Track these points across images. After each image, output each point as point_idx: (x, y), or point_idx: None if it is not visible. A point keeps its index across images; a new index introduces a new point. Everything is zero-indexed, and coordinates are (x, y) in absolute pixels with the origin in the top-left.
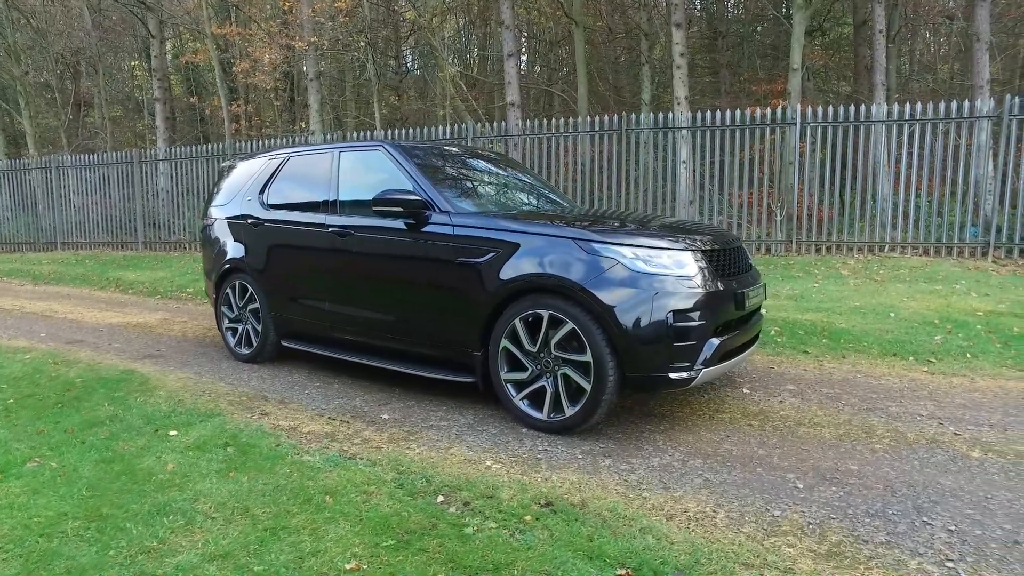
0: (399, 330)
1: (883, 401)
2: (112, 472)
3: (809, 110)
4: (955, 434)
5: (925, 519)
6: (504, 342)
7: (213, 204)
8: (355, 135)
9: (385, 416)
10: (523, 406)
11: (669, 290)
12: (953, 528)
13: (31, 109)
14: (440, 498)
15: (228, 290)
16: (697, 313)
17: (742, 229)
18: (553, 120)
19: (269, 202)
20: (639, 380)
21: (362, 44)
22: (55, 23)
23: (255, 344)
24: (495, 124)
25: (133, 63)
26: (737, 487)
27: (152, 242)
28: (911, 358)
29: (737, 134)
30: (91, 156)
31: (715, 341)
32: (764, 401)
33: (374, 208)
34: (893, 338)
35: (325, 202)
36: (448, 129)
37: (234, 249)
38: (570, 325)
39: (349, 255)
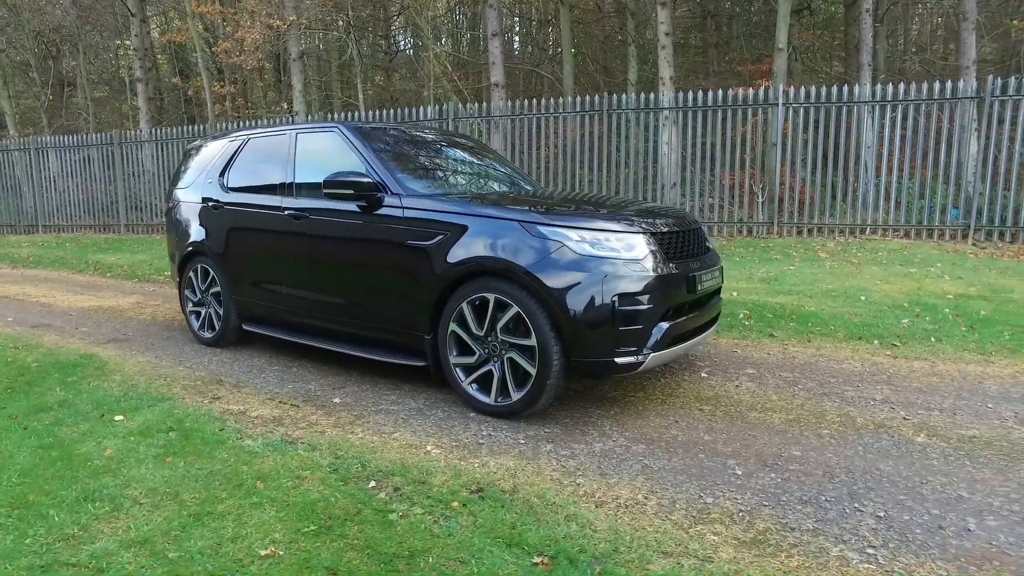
0: (353, 313)
1: (840, 385)
2: (48, 458)
3: (791, 90)
4: (904, 419)
5: (857, 505)
6: (452, 326)
7: (177, 186)
8: (340, 116)
9: (336, 400)
10: (471, 390)
11: (615, 273)
12: (882, 514)
13: (10, 88)
14: (372, 483)
15: (191, 273)
16: (645, 297)
17: (724, 211)
18: (534, 100)
19: (229, 184)
20: (584, 365)
21: (340, 23)
22: None
23: (217, 328)
24: (479, 105)
25: (118, 42)
26: (675, 473)
27: (134, 224)
28: (876, 342)
29: (719, 115)
30: (71, 137)
31: (664, 325)
32: (720, 385)
33: (324, 190)
34: (861, 321)
35: (282, 184)
36: (429, 110)
37: (196, 232)
38: (515, 309)
39: (305, 238)
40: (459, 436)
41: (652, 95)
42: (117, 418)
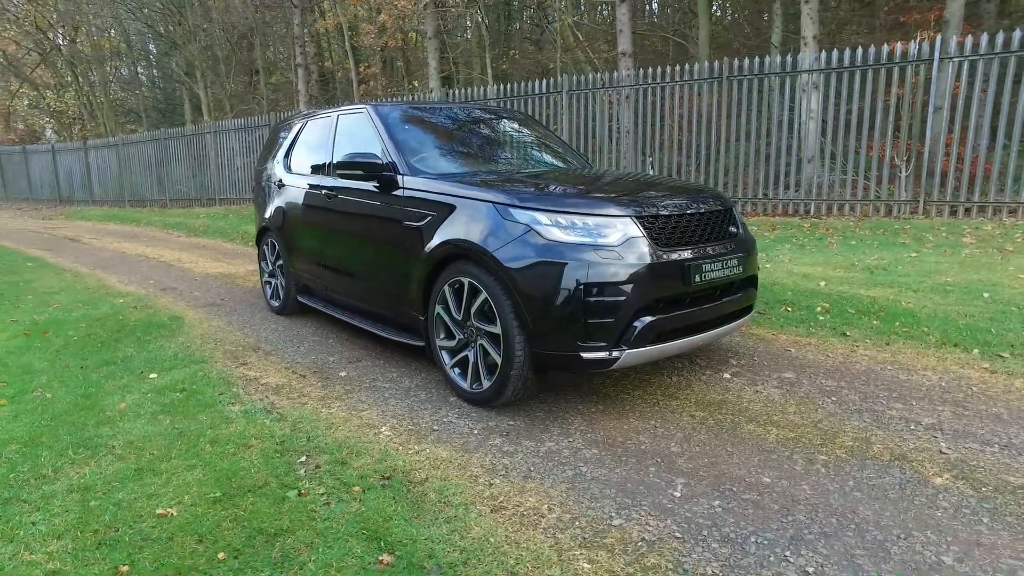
0: (366, 290)
1: (889, 402)
2: (80, 406)
3: (954, 41)
4: (940, 452)
5: (789, 554)
6: (438, 308)
7: (260, 165)
8: (466, 91)
9: (342, 373)
10: (453, 375)
11: (585, 259)
12: (812, 570)
13: (205, 80)
14: (303, 458)
15: (264, 247)
16: (620, 287)
17: (859, 187)
18: (660, 68)
19: (290, 164)
20: (548, 358)
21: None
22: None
23: (282, 298)
24: (601, 75)
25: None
26: (604, 486)
27: None
28: (976, 351)
29: (867, 76)
30: (240, 120)
31: (648, 319)
32: (737, 390)
33: (337, 172)
34: (967, 324)
35: (324, 164)
36: (542, 84)
37: (267, 209)
38: (484, 295)
39: (335, 215)
40: (420, 420)
41: (790, 57)
42: (151, 376)
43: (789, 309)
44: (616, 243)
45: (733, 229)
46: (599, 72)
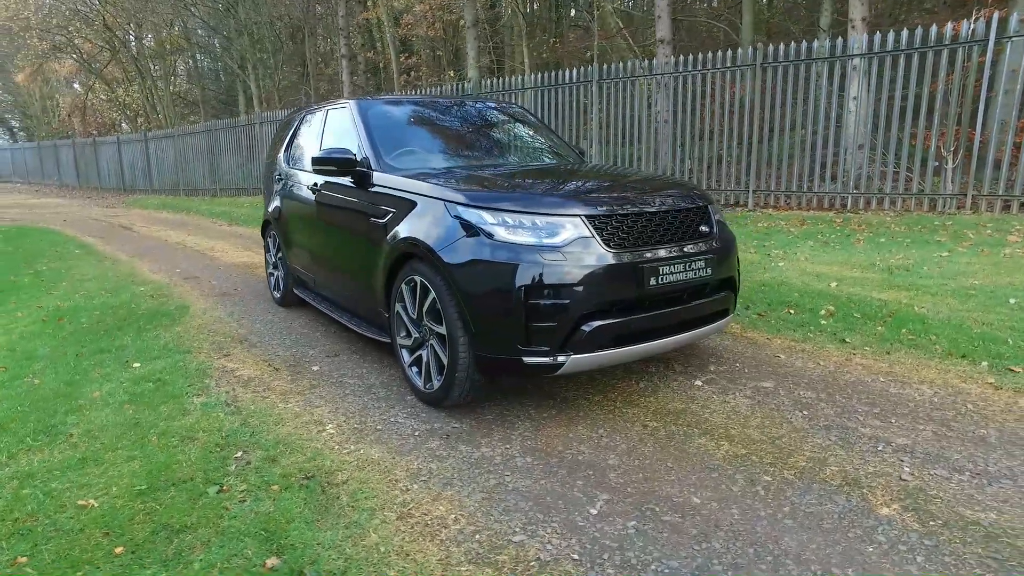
0: (343, 285)
1: (866, 418)
2: (60, 394)
3: (1015, 18)
4: (899, 479)
5: None
6: (397, 306)
7: (269, 159)
8: (503, 81)
9: (315, 368)
10: (411, 373)
11: (528, 260)
12: None
13: (256, 73)
14: (239, 454)
15: (268, 239)
16: (562, 290)
17: (900, 180)
18: (683, 56)
19: (288, 158)
20: (490, 361)
21: None
22: None
23: (282, 289)
24: (633, 63)
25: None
26: (522, 498)
27: None
28: (985, 363)
29: (902, 60)
30: (285, 112)
31: (596, 324)
32: (705, 398)
33: (314, 168)
34: (983, 332)
35: (313, 158)
36: (574, 72)
37: (269, 203)
38: (432, 294)
39: (320, 210)
40: (368, 419)
41: (828, 41)
42: (135, 365)
43: (791, 311)
44: (563, 244)
45: (704, 228)
46: (640, 60)
